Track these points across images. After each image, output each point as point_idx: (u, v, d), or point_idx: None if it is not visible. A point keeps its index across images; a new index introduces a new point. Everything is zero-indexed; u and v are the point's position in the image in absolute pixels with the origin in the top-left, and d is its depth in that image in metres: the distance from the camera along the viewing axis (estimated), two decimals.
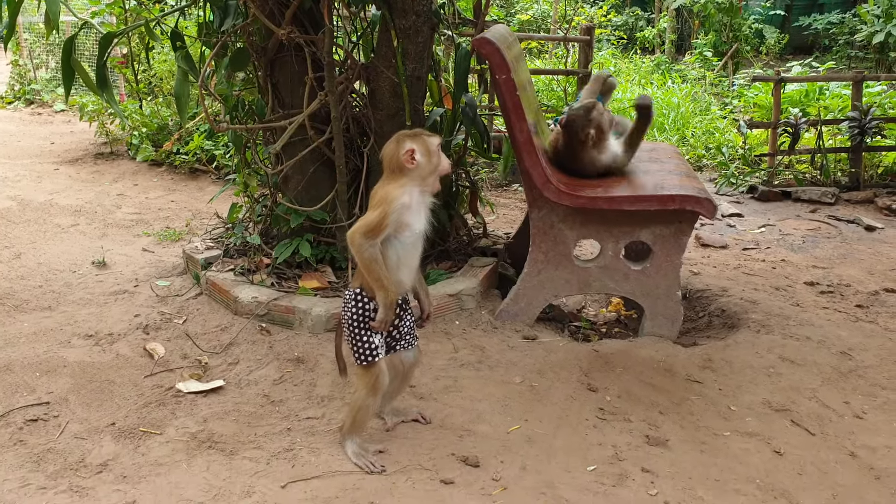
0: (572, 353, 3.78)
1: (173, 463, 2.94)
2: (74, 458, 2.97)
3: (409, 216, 2.79)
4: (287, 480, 2.82)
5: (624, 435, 3.16)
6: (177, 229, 5.49)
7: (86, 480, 2.83)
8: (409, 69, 4.11)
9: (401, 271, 2.86)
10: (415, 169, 2.79)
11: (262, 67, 4.31)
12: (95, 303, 4.31)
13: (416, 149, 2.79)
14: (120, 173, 7.12)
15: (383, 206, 2.74)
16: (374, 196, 2.82)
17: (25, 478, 2.82)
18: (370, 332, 2.86)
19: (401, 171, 2.79)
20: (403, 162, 2.78)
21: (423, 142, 2.82)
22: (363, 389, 2.90)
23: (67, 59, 4.27)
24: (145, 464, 2.93)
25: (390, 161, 2.82)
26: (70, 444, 3.06)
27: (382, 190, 2.80)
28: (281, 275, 4.35)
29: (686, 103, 9.47)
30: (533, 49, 11.81)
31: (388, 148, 2.85)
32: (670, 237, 3.87)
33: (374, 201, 2.81)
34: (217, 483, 2.80)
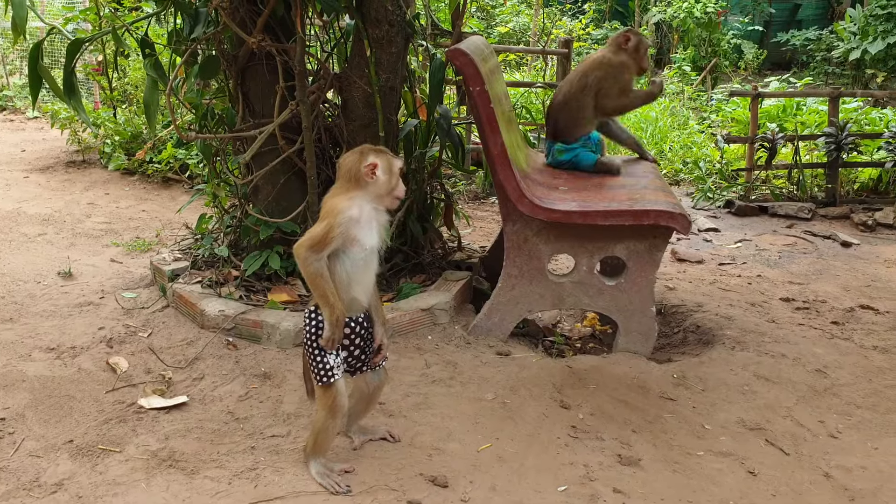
0: (545, 370, 3.72)
1: (132, 483, 2.84)
2: (28, 477, 2.86)
3: (359, 231, 2.70)
4: (249, 501, 2.73)
5: (596, 454, 3.10)
6: (146, 240, 5.39)
7: (39, 501, 2.73)
8: (383, 79, 4.05)
9: (352, 289, 2.77)
10: (372, 184, 2.71)
11: (232, 76, 4.24)
12: (59, 315, 4.20)
13: (379, 164, 2.71)
14: (91, 182, 7.00)
15: (329, 219, 2.66)
16: (324, 206, 2.74)
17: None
18: (324, 351, 2.78)
19: (356, 183, 2.71)
20: (363, 174, 2.70)
21: (388, 159, 2.75)
22: (322, 410, 2.82)
23: (34, 66, 4.18)
24: (102, 483, 2.83)
25: (348, 171, 2.73)
26: (24, 462, 2.96)
27: (331, 201, 2.72)
28: (250, 288, 4.27)
29: (664, 117, 9.48)
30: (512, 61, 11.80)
31: (349, 158, 2.76)
32: (644, 252, 3.83)
33: (322, 212, 2.73)
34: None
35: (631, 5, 15.59)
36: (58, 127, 7.78)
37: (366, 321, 2.88)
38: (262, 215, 4.23)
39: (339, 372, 2.80)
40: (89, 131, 7.69)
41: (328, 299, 2.69)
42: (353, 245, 2.70)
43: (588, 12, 15.06)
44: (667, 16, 13.21)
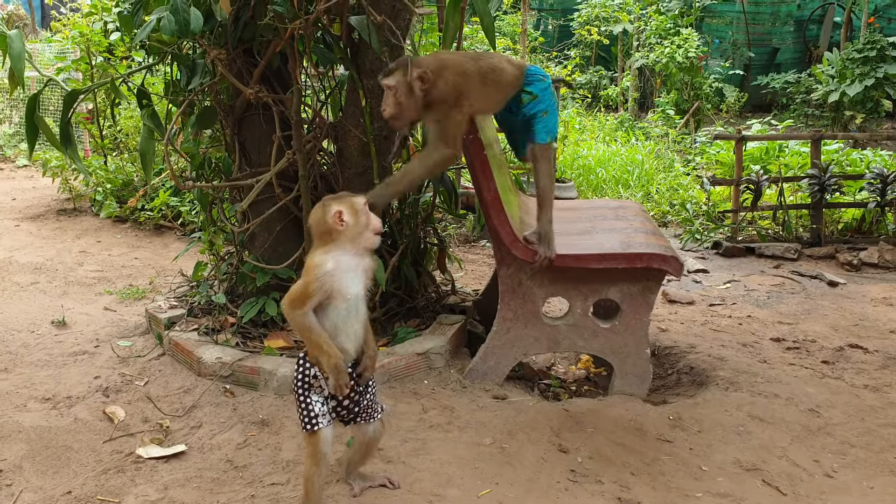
0: (542, 413, 3.74)
1: None
2: None
3: (339, 282, 2.72)
4: None
5: (596, 497, 3.11)
6: (140, 287, 5.39)
7: None
8: (377, 128, 4.12)
9: (339, 339, 2.76)
10: (345, 231, 2.74)
11: (229, 126, 4.30)
12: (54, 364, 4.19)
13: (344, 210, 2.75)
14: (83, 230, 7.02)
15: (307, 276, 2.70)
16: (305, 265, 2.77)
17: None
18: (310, 399, 2.79)
19: (330, 235, 2.75)
20: (332, 225, 2.73)
21: (349, 202, 2.78)
22: (307, 459, 2.82)
23: (31, 116, 4.23)
24: None
25: (318, 226, 2.77)
26: None
27: (309, 259, 2.76)
28: (246, 334, 4.28)
29: (650, 160, 9.62)
30: None
31: (315, 214, 2.80)
32: (638, 295, 3.88)
33: (303, 271, 2.76)
34: None
35: (614, 51, 15.88)
36: (49, 175, 7.80)
37: (354, 370, 2.87)
38: (259, 262, 4.26)
39: (324, 420, 2.78)
40: (80, 179, 7.72)
41: (322, 347, 2.71)
42: (335, 297, 2.72)
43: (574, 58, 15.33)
44: (649, 61, 13.46)
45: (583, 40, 16.22)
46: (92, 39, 7.94)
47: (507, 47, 13.61)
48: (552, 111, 3.81)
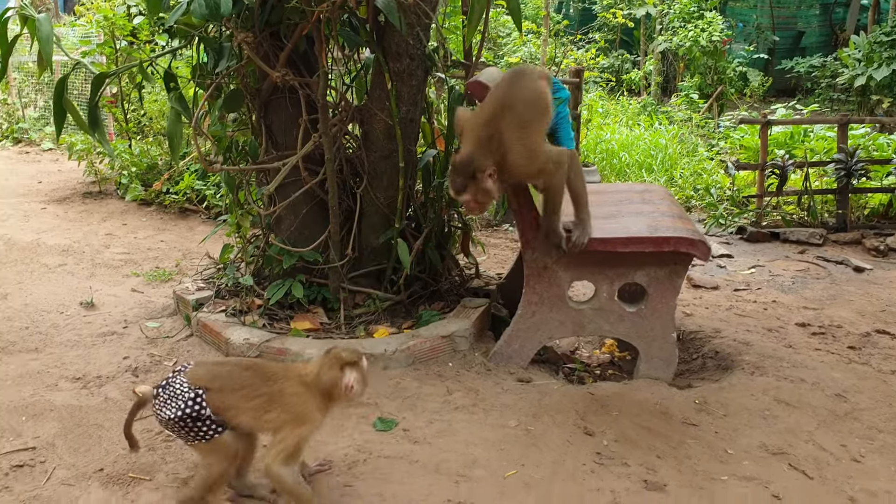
0: (567, 397, 3.75)
1: None
2: None
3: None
4: None
5: (622, 480, 3.12)
6: (166, 269, 5.44)
7: None
8: (403, 111, 4.12)
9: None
10: (347, 397, 2.73)
11: (255, 109, 4.32)
12: (83, 344, 4.24)
13: (356, 380, 2.71)
14: (108, 213, 7.08)
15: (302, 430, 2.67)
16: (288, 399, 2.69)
17: None
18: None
19: (330, 397, 2.73)
20: (343, 392, 2.71)
21: (362, 370, 2.75)
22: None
23: (59, 100, 4.25)
24: None
25: (328, 387, 2.71)
26: (57, 491, 2.99)
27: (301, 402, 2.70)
28: (273, 316, 4.31)
29: (673, 144, 9.56)
30: None
31: (328, 374, 2.72)
32: (665, 279, 3.87)
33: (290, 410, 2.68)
34: None
35: (636, 35, 15.75)
36: (74, 158, 7.87)
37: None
38: (285, 245, 4.28)
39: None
40: (106, 162, 7.78)
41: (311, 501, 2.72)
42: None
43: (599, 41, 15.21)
44: (672, 45, 13.35)
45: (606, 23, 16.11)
46: (116, 23, 8.01)
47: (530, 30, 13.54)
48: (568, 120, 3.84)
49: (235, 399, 2.67)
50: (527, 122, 3.45)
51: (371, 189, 4.29)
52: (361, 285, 4.45)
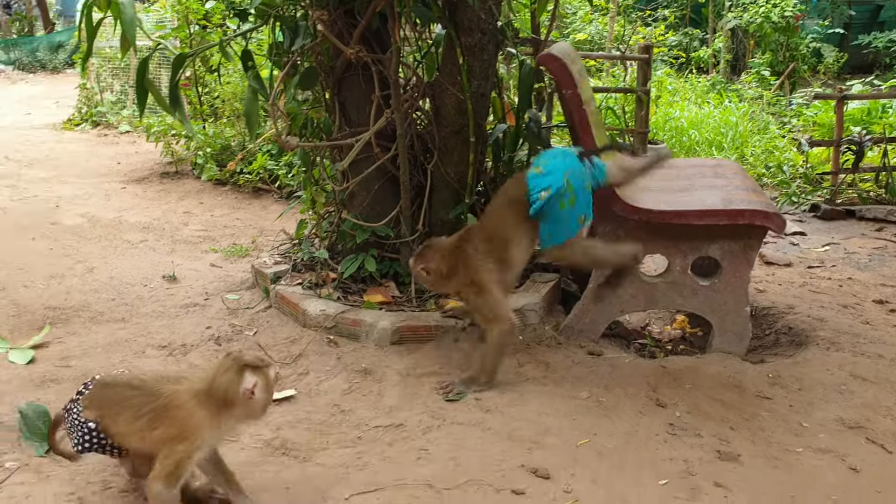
0: (639, 370, 3.77)
1: (249, 468, 3.00)
2: None
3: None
4: (360, 487, 2.86)
5: (695, 450, 3.13)
6: (243, 245, 5.61)
7: None
8: (474, 86, 4.16)
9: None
10: (248, 405, 2.49)
11: (329, 86, 4.41)
12: (167, 315, 4.42)
13: (259, 384, 2.48)
14: (185, 192, 7.31)
15: (184, 445, 2.43)
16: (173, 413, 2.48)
17: (108, 481, 2.90)
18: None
19: (226, 404, 2.47)
20: (241, 398, 2.46)
21: (266, 375, 2.51)
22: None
23: (142, 80, 4.41)
24: None
25: (222, 392, 2.47)
26: None
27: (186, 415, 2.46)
28: (346, 289, 4.42)
29: (744, 122, 9.38)
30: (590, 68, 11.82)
31: (224, 377, 2.47)
32: (739, 252, 3.85)
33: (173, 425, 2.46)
34: (293, 488, 2.86)
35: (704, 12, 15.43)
36: (152, 140, 8.13)
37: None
38: (358, 220, 4.38)
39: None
40: (182, 143, 8.01)
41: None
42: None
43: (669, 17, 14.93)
44: (743, 21, 13.03)
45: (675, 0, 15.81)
46: (190, 7, 8.22)
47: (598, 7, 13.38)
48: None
49: (123, 422, 2.53)
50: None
51: (441, 164, 4.34)
52: None
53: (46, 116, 11.61)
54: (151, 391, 2.54)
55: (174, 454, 2.44)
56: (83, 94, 11.31)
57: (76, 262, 5.28)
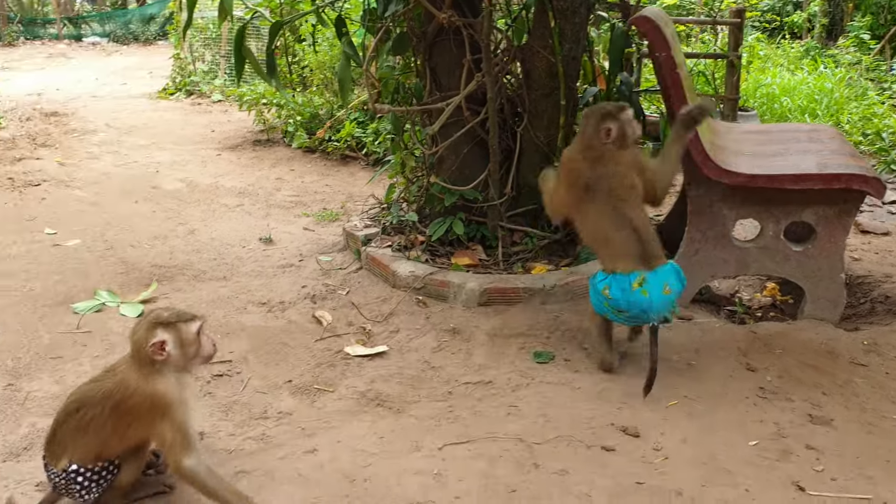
0: (729, 334, 3.75)
1: (346, 417, 3.14)
2: (258, 409, 3.23)
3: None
4: (452, 438, 2.96)
5: (786, 413, 3.12)
6: (333, 210, 5.77)
7: (269, 429, 3.07)
8: (566, 49, 4.17)
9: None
10: (167, 362, 2.46)
11: (421, 51, 4.48)
12: (265, 274, 4.61)
13: (168, 340, 2.45)
14: (277, 159, 7.53)
15: (171, 411, 2.41)
16: (135, 400, 2.43)
17: (216, 425, 3.09)
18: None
19: (152, 365, 2.44)
20: (151, 355, 2.43)
21: (178, 330, 2.47)
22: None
23: (239, 47, 4.54)
24: (321, 417, 3.15)
25: (138, 352, 2.46)
26: (253, 397, 3.32)
27: (143, 392, 2.42)
28: (434, 252, 4.51)
29: (840, 88, 9.04)
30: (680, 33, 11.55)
31: (137, 335, 2.47)
32: (834, 217, 3.77)
33: (143, 406, 2.42)
34: (387, 437, 2.98)
35: None
36: (245, 108, 8.37)
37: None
38: (447, 184, 4.45)
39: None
40: (273, 112, 8.22)
41: (236, 492, 2.51)
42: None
43: None
44: None
45: None
46: None
47: None
48: None
49: (94, 440, 2.46)
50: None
51: (531, 128, 4.37)
52: (519, 224, 4.57)
53: (141, 86, 12.04)
54: (94, 399, 2.46)
55: (171, 429, 2.42)
56: (177, 64, 11.69)
57: (178, 224, 5.53)
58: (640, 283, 3.20)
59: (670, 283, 3.24)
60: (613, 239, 3.31)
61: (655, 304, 3.18)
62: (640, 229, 3.29)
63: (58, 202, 5.91)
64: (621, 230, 3.28)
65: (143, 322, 2.50)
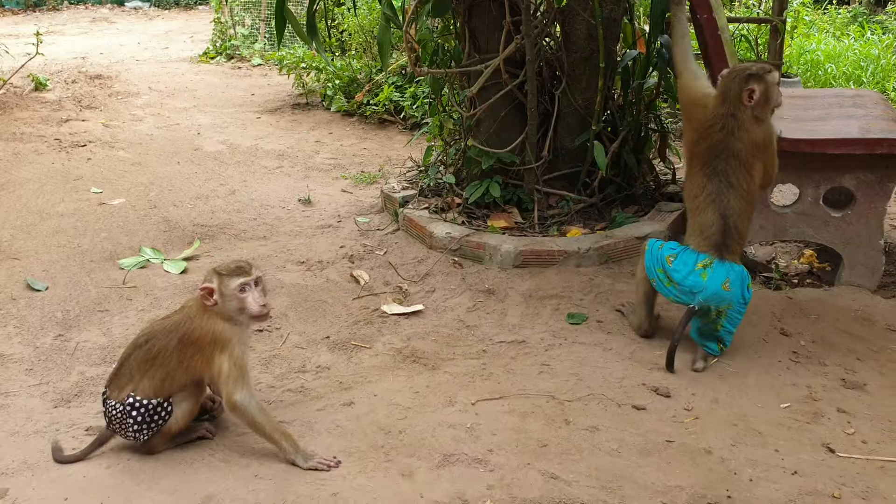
0: (765, 299, 3.76)
1: (382, 372, 3.22)
2: (297, 363, 3.32)
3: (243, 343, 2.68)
4: (486, 394, 3.03)
5: (819, 377, 3.14)
6: (371, 173, 5.83)
7: (308, 382, 3.17)
8: (606, 11, 4.14)
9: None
10: (214, 308, 2.63)
11: (460, 14, 4.48)
12: (304, 235, 4.69)
13: (215, 288, 2.63)
14: (315, 122, 7.59)
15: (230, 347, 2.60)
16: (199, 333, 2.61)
17: (257, 377, 3.18)
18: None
19: (203, 307, 2.64)
20: (200, 298, 2.64)
21: (221, 282, 2.63)
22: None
23: (280, 10, 4.59)
24: (358, 372, 3.24)
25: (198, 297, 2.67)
26: (293, 352, 3.42)
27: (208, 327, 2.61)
28: (471, 214, 4.55)
29: (887, 55, 8.83)
30: None
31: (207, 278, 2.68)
32: (875, 183, 3.73)
33: (205, 339, 2.61)
34: (422, 392, 3.06)
35: None
36: (285, 72, 8.42)
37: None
38: (484, 147, 4.48)
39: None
40: (312, 76, 8.27)
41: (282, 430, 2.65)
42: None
43: None
44: None
45: None
46: None
47: None
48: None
49: (160, 372, 2.61)
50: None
51: (569, 91, 4.37)
52: (555, 188, 4.59)
53: (182, 51, 12.14)
54: (161, 333, 2.65)
55: (228, 362, 2.59)
56: (217, 28, 11.75)
57: (219, 184, 5.63)
58: (705, 265, 3.17)
59: (732, 283, 3.16)
60: (704, 214, 3.23)
61: (708, 292, 3.13)
62: (732, 220, 3.19)
63: (103, 162, 6.04)
64: (714, 211, 3.20)
65: (211, 272, 2.68)
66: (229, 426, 2.85)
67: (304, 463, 2.60)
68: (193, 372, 2.65)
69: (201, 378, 2.71)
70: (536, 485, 2.51)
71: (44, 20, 15.00)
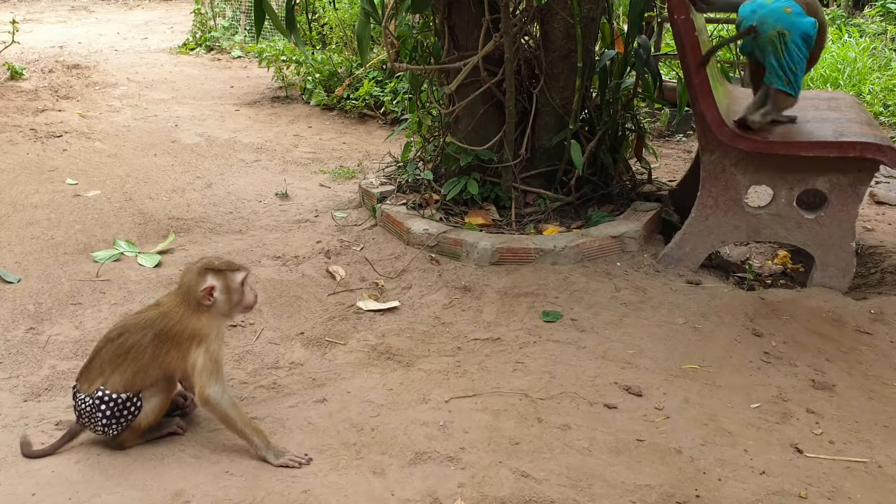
0: (737, 300, 3.79)
1: (356, 369, 3.22)
2: (270, 359, 3.31)
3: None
4: (459, 392, 3.03)
5: (789, 378, 3.17)
6: (350, 168, 5.81)
7: (281, 379, 3.16)
8: (585, 10, 4.16)
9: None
10: (212, 306, 2.65)
11: (439, 10, 4.48)
12: (281, 229, 4.67)
13: (217, 286, 2.65)
14: (295, 116, 7.55)
15: (206, 341, 2.61)
16: (177, 329, 2.61)
17: (229, 373, 3.17)
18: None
19: (198, 305, 2.64)
20: (200, 298, 2.63)
21: (226, 278, 2.67)
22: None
23: (259, 2, 4.55)
24: (332, 368, 3.23)
25: (187, 293, 2.66)
26: (266, 348, 3.41)
27: (186, 322, 2.62)
28: (449, 211, 4.56)
29: (863, 58, 8.93)
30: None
31: (187, 277, 2.68)
32: (847, 186, 3.78)
33: (183, 335, 2.61)
34: (396, 389, 3.06)
35: None
36: (264, 65, 8.37)
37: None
38: (462, 144, 4.48)
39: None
40: (291, 69, 8.23)
41: (254, 426, 2.64)
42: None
43: None
44: None
45: None
46: None
47: None
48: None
49: (132, 366, 2.60)
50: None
51: (547, 90, 4.38)
52: (533, 185, 4.60)
53: (162, 41, 12.03)
54: (135, 328, 2.63)
55: (203, 357, 2.60)
56: (197, 20, 11.65)
57: (195, 177, 5.59)
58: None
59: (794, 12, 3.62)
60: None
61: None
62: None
63: (79, 153, 5.98)
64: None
65: (195, 266, 2.70)
66: (201, 422, 2.84)
67: (275, 459, 2.59)
68: (167, 367, 2.65)
69: (173, 373, 2.69)
70: (507, 483, 2.52)
71: (21, 8, 14.83)
